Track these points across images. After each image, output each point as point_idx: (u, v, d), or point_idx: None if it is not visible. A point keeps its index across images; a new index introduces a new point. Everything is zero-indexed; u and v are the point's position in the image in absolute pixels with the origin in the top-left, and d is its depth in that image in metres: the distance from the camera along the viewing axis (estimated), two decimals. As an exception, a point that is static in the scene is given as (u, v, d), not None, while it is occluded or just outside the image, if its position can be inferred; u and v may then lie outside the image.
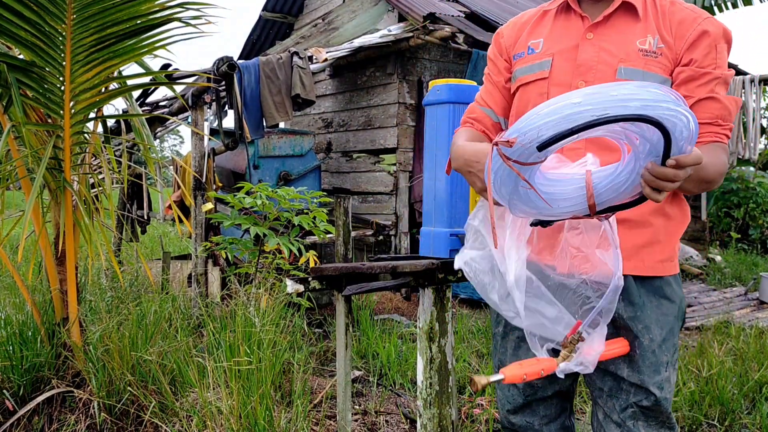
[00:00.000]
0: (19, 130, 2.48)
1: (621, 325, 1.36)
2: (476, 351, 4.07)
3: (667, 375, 1.36)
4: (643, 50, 1.33)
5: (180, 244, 9.50)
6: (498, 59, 1.57)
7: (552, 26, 1.47)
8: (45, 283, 2.87)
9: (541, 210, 1.15)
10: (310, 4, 8.29)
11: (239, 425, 2.24)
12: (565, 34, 1.43)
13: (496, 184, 1.14)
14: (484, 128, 1.57)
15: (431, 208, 2.14)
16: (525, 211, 1.18)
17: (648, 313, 1.35)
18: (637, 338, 1.34)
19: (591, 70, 1.36)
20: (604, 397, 1.40)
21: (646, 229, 1.35)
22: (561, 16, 1.47)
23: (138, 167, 4.26)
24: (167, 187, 8.70)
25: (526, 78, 1.46)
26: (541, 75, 1.43)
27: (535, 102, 1.40)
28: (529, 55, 1.47)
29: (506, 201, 1.17)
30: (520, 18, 1.57)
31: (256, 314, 2.69)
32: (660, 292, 1.37)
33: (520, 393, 1.54)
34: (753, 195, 10.19)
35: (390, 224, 6.14)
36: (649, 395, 1.35)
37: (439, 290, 2.03)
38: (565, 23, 1.45)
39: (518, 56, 1.51)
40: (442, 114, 2.10)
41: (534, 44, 1.47)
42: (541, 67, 1.43)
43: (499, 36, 1.58)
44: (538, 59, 1.45)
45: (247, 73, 5.16)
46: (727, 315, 5.26)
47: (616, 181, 1.09)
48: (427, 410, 2.00)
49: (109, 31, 2.50)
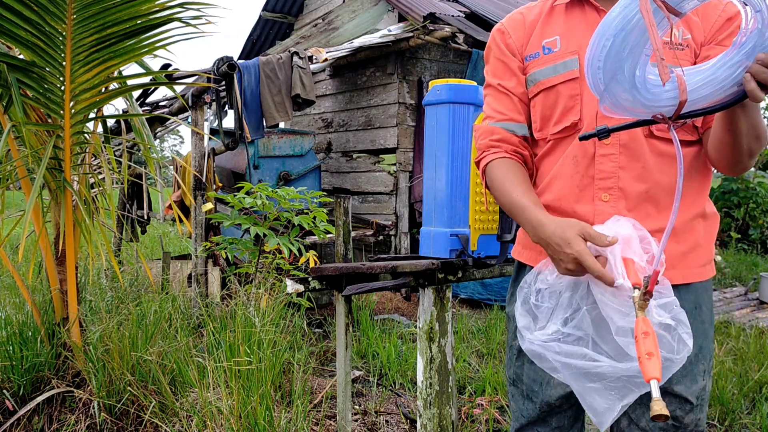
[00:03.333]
0: (19, 130, 2.48)
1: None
2: (476, 351, 4.07)
3: (704, 383, 1.33)
4: (668, 43, 1.26)
5: (180, 244, 9.50)
6: (509, 59, 1.42)
7: (566, 22, 1.36)
8: (45, 283, 2.87)
9: (636, 101, 1.05)
10: (310, 4, 8.29)
11: (239, 425, 2.24)
12: (584, 29, 1.32)
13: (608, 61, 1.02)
14: (515, 149, 1.42)
15: (431, 208, 2.14)
16: (618, 101, 1.06)
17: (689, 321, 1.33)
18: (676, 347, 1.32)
19: None
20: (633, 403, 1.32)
21: (691, 236, 1.31)
22: (574, 11, 1.36)
23: (138, 167, 4.25)
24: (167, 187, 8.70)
25: (551, 80, 1.34)
26: (570, 75, 1.32)
27: (565, 105, 1.33)
28: (547, 55, 1.35)
29: (604, 85, 1.05)
30: (522, 16, 1.44)
31: (256, 314, 2.69)
32: (699, 299, 1.33)
33: (535, 407, 1.45)
34: (753, 195, 10.19)
35: (390, 224, 6.14)
36: (684, 404, 1.30)
37: (439, 290, 2.03)
38: (582, 17, 1.35)
39: (532, 57, 1.38)
40: (442, 114, 2.10)
41: (549, 43, 1.36)
42: (567, 67, 1.32)
43: (505, 35, 1.44)
44: (560, 58, 1.33)
45: (247, 73, 5.16)
46: (727, 315, 5.26)
47: (715, 75, 1.01)
48: (427, 410, 2.00)
49: (110, 31, 2.50)
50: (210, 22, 2.68)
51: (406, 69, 6.30)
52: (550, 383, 1.40)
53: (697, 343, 1.31)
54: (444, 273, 2.03)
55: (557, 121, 1.35)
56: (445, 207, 2.10)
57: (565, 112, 1.33)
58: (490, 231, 2.22)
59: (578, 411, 1.48)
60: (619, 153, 1.28)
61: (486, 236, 2.20)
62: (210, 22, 2.68)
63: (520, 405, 1.49)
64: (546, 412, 1.44)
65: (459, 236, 2.09)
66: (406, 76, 6.30)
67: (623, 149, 1.28)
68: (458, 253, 2.09)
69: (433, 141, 2.12)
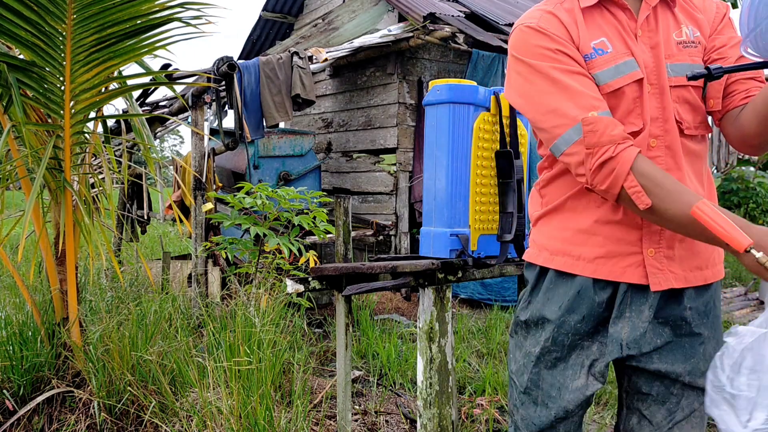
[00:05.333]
0: (19, 130, 2.48)
1: (685, 332, 1.34)
2: (476, 351, 4.07)
3: None
4: (683, 42, 1.30)
5: (180, 244, 9.50)
6: (571, 49, 1.28)
7: (604, 24, 1.32)
8: (45, 283, 2.87)
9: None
10: (310, 4, 8.29)
11: (239, 425, 2.24)
12: (620, 31, 1.30)
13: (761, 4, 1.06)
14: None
15: (431, 208, 2.14)
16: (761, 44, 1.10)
17: (711, 319, 1.36)
18: (703, 344, 1.34)
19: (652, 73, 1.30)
20: (648, 401, 1.37)
21: None
22: (604, 12, 1.33)
23: (138, 167, 4.25)
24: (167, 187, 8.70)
25: (618, 82, 1.27)
26: (635, 76, 1.26)
27: (627, 108, 1.27)
28: (602, 56, 1.28)
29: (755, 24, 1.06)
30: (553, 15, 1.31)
31: (256, 314, 2.69)
32: (716, 296, 1.38)
33: (550, 413, 1.40)
34: (753, 195, 10.20)
35: (390, 224, 6.14)
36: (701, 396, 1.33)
37: (439, 290, 2.03)
38: (613, 19, 1.32)
39: (588, 57, 1.28)
40: (442, 114, 2.10)
41: (598, 44, 1.29)
42: (630, 68, 1.27)
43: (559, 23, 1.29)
44: (620, 59, 1.27)
45: (247, 73, 5.16)
46: (728, 315, 5.26)
47: None
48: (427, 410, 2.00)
49: (110, 31, 2.50)
50: (210, 22, 2.68)
51: (406, 69, 6.30)
52: (569, 388, 1.37)
53: (716, 337, 1.36)
54: (444, 273, 2.04)
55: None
56: (445, 207, 2.10)
57: (626, 115, 1.29)
58: (490, 231, 2.22)
59: (583, 414, 1.48)
60: (665, 155, 1.29)
61: (486, 236, 2.20)
62: (210, 22, 2.68)
63: (531, 412, 1.44)
64: (561, 418, 1.41)
65: (459, 236, 2.09)
66: (406, 76, 6.30)
67: (668, 151, 1.29)
68: (458, 253, 2.09)
69: (433, 141, 2.12)
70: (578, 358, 1.37)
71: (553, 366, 1.39)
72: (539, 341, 1.40)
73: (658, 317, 1.32)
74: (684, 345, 1.34)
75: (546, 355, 1.40)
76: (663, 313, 1.33)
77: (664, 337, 1.33)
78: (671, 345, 1.34)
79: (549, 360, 1.40)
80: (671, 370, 1.34)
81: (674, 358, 1.33)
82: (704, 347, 1.34)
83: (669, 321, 1.33)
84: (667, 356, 1.33)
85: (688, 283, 1.31)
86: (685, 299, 1.32)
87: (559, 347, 1.38)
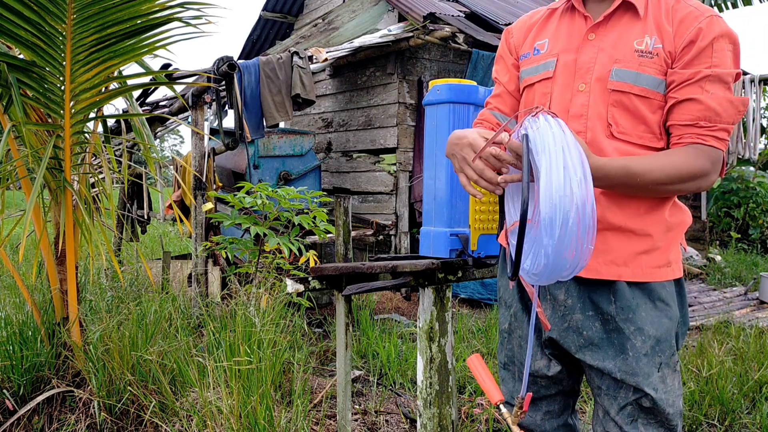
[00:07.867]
0: (19, 130, 2.48)
1: (612, 328, 1.36)
2: (476, 351, 4.08)
3: (661, 375, 1.36)
4: (639, 51, 1.32)
5: (180, 244, 9.51)
6: (508, 57, 1.58)
7: (557, 26, 1.48)
8: (45, 283, 2.87)
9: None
10: (310, 4, 8.29)
11: (239, 425, 2.24)
12: (569, 34, 1.44)
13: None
14: (492, 126, 1.57)
15: (431, 208, 2.14)
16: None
17: (642, 315, 1.35)
18: (629, 340, 1.35)
19: (588, 72, 1.37)
20: (602, 395, 1.41)
21: (647, 238, 1.36)
22: (566, 16, 1.47)
23: (138, 167, 4.25)
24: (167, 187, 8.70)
25: (531, 78, 1.47)
26: (545, 75, 1.43)
27: (539, 102, 1.43)
28: (535, 55, 1.48)
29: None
30: (530, 17, 1.57)
31: (256, 314, 2.69)
32: (655, 295, 1.37)
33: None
34: (753, 195, 10.19)
35: (390, 224, 6.14)
36: (645, 396, 1.35)
37: (439, 290, 2.03)
38: (570, 23, 1.45)
39: (524, 57, 1.52)
40: (442, 114, 2.10)
41: (540, 45, 1.48)
42: (546, 68, 1.44)
43: (509, 34, 1.59)
44: (543, 60, 1.45)
45: (247, 73, 5.16)
46: (727, 315, 5.27)
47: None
48: (427, 410, 2.00)
49: (110, 30, 2.50)
50: (210, 22, 2.68)
51: (406, 69, 6.30)
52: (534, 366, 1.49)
53: (654, 335, 1.36)
54: (444, 273, 2.04)
55: None
56: (445, 207, 2.10)
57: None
58: (490, 231, 2.21)
59: (567, 398, 1.56)
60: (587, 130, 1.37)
61: (486, 236, 2.20)
62: (210, 22, 2.68)
63: (510, 387, 1.58)
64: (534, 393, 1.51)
65: (459, 236, 2.09)
66: (406, 76, 6.30)
67: (590, 147, 1.32)
68: (458, 252, 2.09)
69: (433, 141, 2.12)
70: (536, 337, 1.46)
71: (519, 345, 1.53)
72: (507, 317, 1.56)
73: (587, 310, 1.37)
74: (613, 341, 1.37)
75: (513, 332, 1.54)
76: (590, 306, 1.37)
77: (593, 330, 1.37)
78: (603, 341, 1.37)
79: (516, 337, 1.53)
80: (603, 366, 1.37)
81: (605, 354, 1.37)
82: (631, 343, 1.35)
83: (598, 314, 1.37)
84: (598, 352, 1.37)
85: (599, 275, 1.35)
86: (612, 294, 1.35)
87: (520, 323, 1.51)
